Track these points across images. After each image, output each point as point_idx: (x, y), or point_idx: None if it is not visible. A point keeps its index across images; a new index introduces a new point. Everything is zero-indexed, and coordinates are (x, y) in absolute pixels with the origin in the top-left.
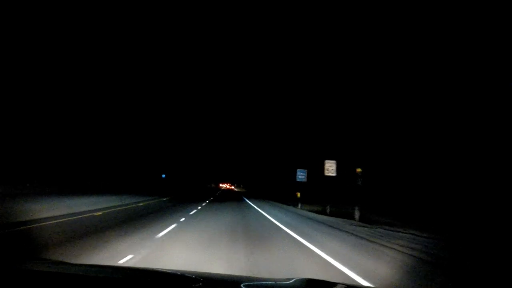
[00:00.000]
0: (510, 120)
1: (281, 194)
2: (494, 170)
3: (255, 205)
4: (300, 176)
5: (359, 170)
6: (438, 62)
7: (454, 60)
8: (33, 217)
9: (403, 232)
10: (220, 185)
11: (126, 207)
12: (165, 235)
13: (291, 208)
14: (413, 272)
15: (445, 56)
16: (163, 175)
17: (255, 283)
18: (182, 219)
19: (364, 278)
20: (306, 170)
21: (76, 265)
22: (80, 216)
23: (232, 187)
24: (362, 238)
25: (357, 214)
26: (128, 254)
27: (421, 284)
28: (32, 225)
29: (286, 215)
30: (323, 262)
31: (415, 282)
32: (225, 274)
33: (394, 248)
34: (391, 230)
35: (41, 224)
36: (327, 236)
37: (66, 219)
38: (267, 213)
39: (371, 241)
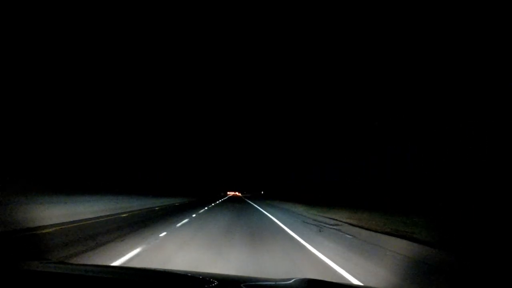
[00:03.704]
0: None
1: (270, 195)
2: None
3: (248, 200)
4: None
5: None
6: (437, 63)
7: (453, 60)
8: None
9: None
10: (228, 192)
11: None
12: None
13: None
14: None
15: (444, 57)
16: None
17: (255, 283)
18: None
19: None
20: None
21: (76, 265)
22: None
23: (238, 193)
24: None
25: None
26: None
27: (422, 284)
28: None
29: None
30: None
31: (416, 282)
32: (225, 274)
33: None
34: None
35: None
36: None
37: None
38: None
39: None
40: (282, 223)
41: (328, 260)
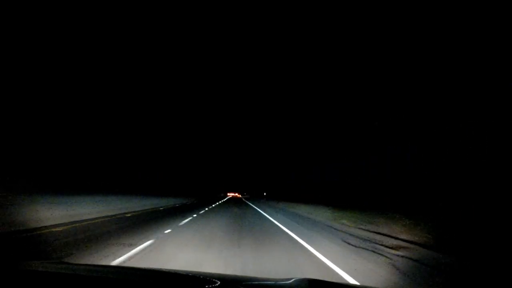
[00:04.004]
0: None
1: (271, 196)
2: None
3: (249, 201)
4: None
5: None
6: (437, 63)
7: (453, 60)
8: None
9: None
10: (228, 193)
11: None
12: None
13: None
14: None
15: (443, 58)
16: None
17: (254, 283)
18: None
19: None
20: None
21: (77, 265)
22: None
23: (238, 194)
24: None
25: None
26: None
27: (422, 285)
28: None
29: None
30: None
31: (416, 282)
32: (225, 274)
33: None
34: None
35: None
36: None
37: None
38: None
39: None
40: (317, 250)
41: None
